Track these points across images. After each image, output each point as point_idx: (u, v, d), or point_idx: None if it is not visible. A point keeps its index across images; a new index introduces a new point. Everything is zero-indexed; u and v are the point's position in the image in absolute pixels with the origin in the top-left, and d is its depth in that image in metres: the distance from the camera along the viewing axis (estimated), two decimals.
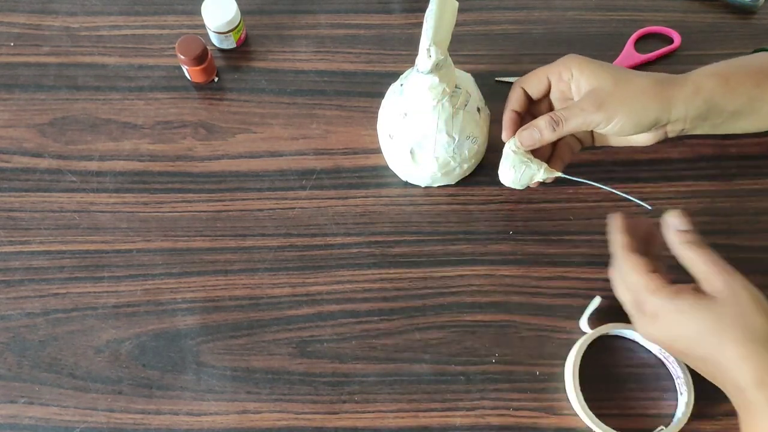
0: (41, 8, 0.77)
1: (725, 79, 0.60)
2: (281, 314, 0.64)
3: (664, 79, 0.59)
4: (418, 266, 0.66)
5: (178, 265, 0.66)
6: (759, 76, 0.60)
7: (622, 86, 0.58)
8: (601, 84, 0.59)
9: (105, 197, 0.69)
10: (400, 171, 0.68)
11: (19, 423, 0.61)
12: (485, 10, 0.77)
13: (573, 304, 0.64)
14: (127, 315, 0.64)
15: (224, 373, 0.62)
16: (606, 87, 0.58)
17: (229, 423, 0.61)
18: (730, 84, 0.59)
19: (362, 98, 0.73)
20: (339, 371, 0.62)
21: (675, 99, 0.58)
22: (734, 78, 0.60)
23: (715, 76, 0.60)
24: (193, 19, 0.76)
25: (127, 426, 0.61)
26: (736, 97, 0.60)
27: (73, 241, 0.67)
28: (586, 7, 0.77)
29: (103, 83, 0.73)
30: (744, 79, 0.60)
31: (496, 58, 0.74)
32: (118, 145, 0.71)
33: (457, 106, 0.62)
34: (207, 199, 0.68)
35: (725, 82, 0.59)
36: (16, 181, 0.69)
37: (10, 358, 0.63)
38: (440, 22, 0.56)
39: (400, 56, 0.75)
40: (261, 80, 0.74)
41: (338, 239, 0.67)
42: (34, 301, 0.65)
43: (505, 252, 0.66)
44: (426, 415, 0.61)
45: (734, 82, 0.60)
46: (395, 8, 0.77)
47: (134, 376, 0.62)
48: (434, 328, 0.64)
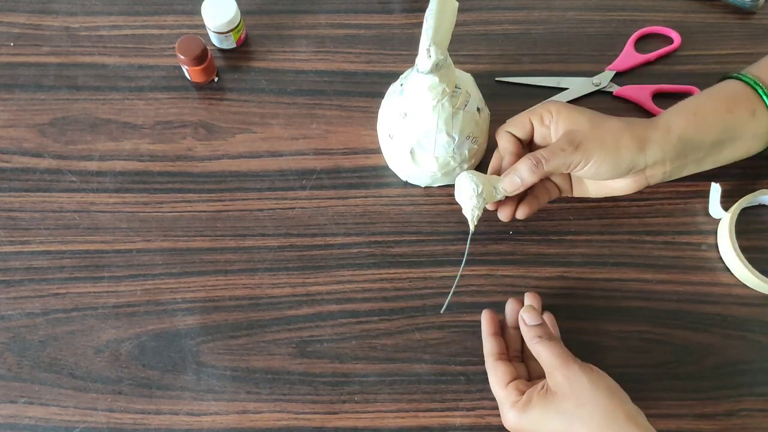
0: (41, 8, 0.77)
1: (693, 113, 0.60)
2: (281, 314, 0.64)
3: (637, 122, 0.60)
4: (418, 266, 0.66)
5: (178, 265, 0.66)
6: (728, 102, 0.61)
7: (597, 128, 0.59)
8: (577, 126, 0.59)
9: (105, 197, 0.69)
10: (400, 171, 0.68)
11: (19, 423, 0.61)
12: (485, 10, 0.77)
13: (573, 304, 0.64)
14: (127, 315, 0.64)
15: (224, 373, 0.62)
16: (582, 129, 0.59)
17: (229, 423, 0.61)
18: (699, 115, 0.60)
19: (362, 98, 0.73)
20: (339, 371, 0.62)
21: (649, 141, 0.59)
22: (702, 109, 0.60)
23: (684, 112, 0.61)
24: (193, 19, 0.76)
25: (127, 426, 0.61)
26: (710, 126, 0.60)
27: (73, 241, 0.67)
28: (586, 7, 0.77)
29: (103, 83, 0.74)
30: (713, 108, 0.60)
31: (496, 58, 0.74)
32: (118, 145, 0.71)
33: (457, 106, 0.62)
34: (207, 199, 0.68)
35: (694, 115, 0.60)
36: (16, 181, 0.69)
37: (10, 358, 0.63)
38: (440, 22, 0.56)
39: (400, 56, 0.75)
40: (261, 80, 0.74)
41: (338, 239, 0.67)
42: (34, 301, 0.65)
43: (505, 252, 0.66)
44: (426, 415, 0.61)
45: (703, 113, 0.60)
46: (395, 8, 0.77)
47: (134, 376, 0.62)
48: (434, 328, 0.64)
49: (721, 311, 0.64)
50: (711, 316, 0.64)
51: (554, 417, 0.53)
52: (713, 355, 0.63)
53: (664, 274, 0.65)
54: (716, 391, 0.61)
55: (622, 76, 0.73)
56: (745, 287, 0.65)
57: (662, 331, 0.63)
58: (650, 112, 0.71)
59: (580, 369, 0.53)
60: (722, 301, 0.64)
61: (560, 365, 0.53)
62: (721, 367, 0.62)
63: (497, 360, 0.58)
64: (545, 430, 0.54)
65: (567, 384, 0.53)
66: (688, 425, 0.59)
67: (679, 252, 0.66)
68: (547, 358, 0.54)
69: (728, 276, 0.65)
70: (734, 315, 0.64)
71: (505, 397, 0.56)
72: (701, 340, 0.63)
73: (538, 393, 0.54)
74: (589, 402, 0.52)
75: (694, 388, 0.61)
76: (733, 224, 0.64)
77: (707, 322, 0.64)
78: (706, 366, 0.62)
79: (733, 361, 0.62)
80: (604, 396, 0.52)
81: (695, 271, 0.66)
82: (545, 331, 0.56)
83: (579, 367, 0.53)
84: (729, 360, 0.62)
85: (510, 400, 0.55)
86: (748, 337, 0.63)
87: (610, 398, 0.52)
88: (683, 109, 0.61)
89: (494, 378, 0.57)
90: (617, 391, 0.53)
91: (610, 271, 0.65)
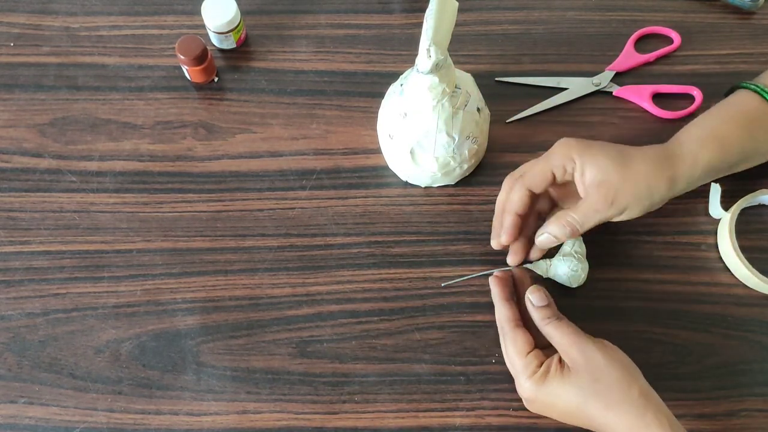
0: (41, 8, 0.77)
1: (720, 144, 0.60)
2: (281, 314, 0.64)
3: (662, 157, 0.59)
4: (418, 266, 0.66)
5: (178, 265, 0.66)
6: (751, 126, 0.61)
7: (626, 173, 0.57)
8: (605, 174, 0.57)
9: (105, 197, 0.69)
10: (400, 171, 0.68)
11: (19, 423, 0.61)
12: (485, 10, 0.77)
13: (573, 304, 0.64)
14: (127, 315, 0.64)
15: (224, 373, 0.62)
16: (612, 179, 0.57)
17: (229, 423, 0.61)
18: (726, 147, 0.60)
19: (362, 98, 0.73)
20: (339, 371, 0.62)
21: (677, 177, 0.58)
22: (729, 139, 0.60)
23: (711, 142, 0.60)
24: (193, 19, 0.76)
25: (127, 426, 0.61)
26: (733, 152, 0.60)
27: (73, 241, 0.67)
28: (586, 7, 0.77)
29: (103, 83, 0.73)
30: (738, 135, 0.60)
31: (496, 58, 0.74)
32: (118, 145, 0.71)
33: (457, 106, 0.62)
34: (207, 199, 0.68)
35: (721, 147, 0.60)
36: (16, 181, 0.69)
37: (10, 358, 0.63)
38: (440, 22, 0.56)
39: (400, 56, 0.75)
40: (261, 80, 0.74)
41: (338, 239, 0.67)
42: (34, 301, 0.65)
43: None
44: (426, 415, 0.61)
45: (729, 143, 0.60)
46: (395, 8, 0.77)
47: (134, 376, 0.62)
48: (434, 328, 0.64)
49: (721, 311, 0.64)
50: (711, 316, 0.64)
51: (570, 391, 0.54)
52: (713, 355, 0.63)
53: (664, 274, 0.65)
54: (716, 391, 0.61)
55: (621, 76, 0.73)
56: (745, 287, 0.65)
57: (662, 331, 0.63)
58: (650, 113, 0.71)
59: (594, 345, 0.54)
60: (722, 301, 0.64)
61: (574, 343, 0.54)
62: (721, 367, 0.62)
63: (516, 327, 0.57)
64: (560, 402, 0.54)
65: (583, 360, 0.54)
66: (688, 425, 0.59)
67: (679, 252, 0.66)
68: (560, 338, 0.55)
69: (728, 276, 0.65)
70: (734, 315, 0.64)
71: (523, 367, 0.56)
72: (701, 340, 0.63)
73: (555, 366, 0.55)
74: (605, 377, 0.53)
75: (694, 388, 0.61)
76: (733, 224, 0.64)
77: (707, 322, 0.64)
78: (706, 366, 0.62)
79: (733, 361, 0.62)
80: (618, 371, 0.53)
81: (695, 271, 0.66)
82: (554, 312, 0.56)
83: (593, 344, 0.54)
84: (729, 360, 0.62)
85: (529, 370, 0.56)
86: (748, 337, 0.63)
87: (624, 374, 0.53)
88: (706, 135, 0.60)
89: (513, 347, 0.57)
90: (631, 367, 0.54)
91: (610, 271, 0.65)
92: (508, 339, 0.58)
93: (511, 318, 0.58)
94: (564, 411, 0.55)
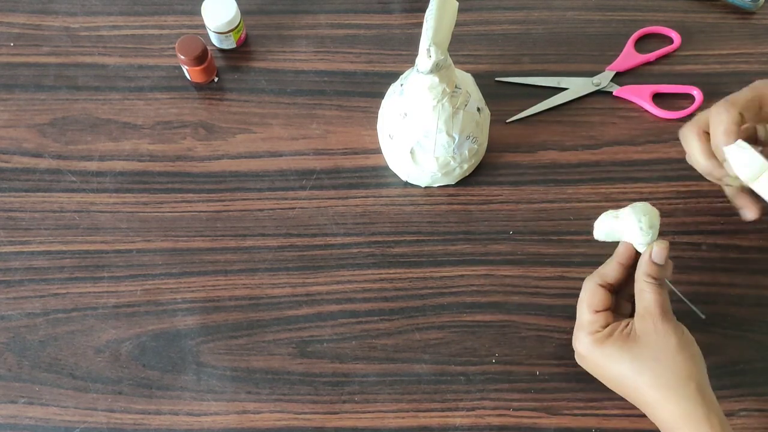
0: (41, 8, 0.77)
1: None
2: (281, 314, 0.64)
3: None
4: (418, 266, 0.66)
5: (178, 265, 0.66)
6: None
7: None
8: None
9: (105, 197, 0.69)
10: (400, 171, 0.68)
11: (19, 423, 0.61)
12: (485, 10, 0.77)
13: (573, 304, 0.64)
14: (127, 315, 0.64)
15: (224, 373, 0.62)
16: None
17: (229, 423, 0.61)
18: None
19: (362, 98, 0.73)
20: (339, 371, 0.62)
21: None
22: None
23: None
24: (193, 19, 0.76)
25: (127, 426, 0.61)
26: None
27: (73, 241, 0.67)
28: (586, 7, 0.77)
29: (103, 83, 0.73)
30: None
31: (496, 58, 0.74)
32: (118, 145, 0.71)
33: (457, 106, 0.62)
34: (207, 199, 0.68)
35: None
36: (16, 181, 0.69)
37: (10, 358, 0.63)
38: (440, 22, 0.56)
39: (400, 56, 0.75)
40: (261, 80, 0.74)
41: (338, 239, 0.67)
42: (34, 301, 0.65)
43: (504, 252, 0.66)
44: (426, 415, 0.61)
45: None
46: (395, 8, 0.77)
47: (134, 376, 0.62)
48: (434, 328, 0.64)
49: (721, 311, 0.64)
50: (711, 316, 0.64)
51: (627, 360, 0.53)
52: (713, 355, 0.62)
53: None
54: (716, 391, 0.60)
55: (622, 76, 0.73)
56: (744, 287, 0.65)
57: None
58: (650, 113, 0.71)
59: (673, 328, 0.53)
60: (722, 301, 0.64)
61: (657, 315, 0.53)
62: (721, 367, 0.62)
63: (601, 285, 0.56)
64: (613, 367, 0.54)
65: (654, 335, 0.53)
66: None
67: (679, 252, 0.66)
68: (649, 303, 0.53)
69: (728, 276, 0.65)
70: (734, 315, 0.64)
71: (589, 322, 0.55)
72: (701, 340, 0.63)
73: (620, 330, 0.54)
74: (667, 360, 0.52)
75: None
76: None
77: (707, 322, 0.64)
78: (707, 366, 0.62)
79: (733, 361, 0.62)
80: (683, 361, 0.52)
81: (695, 271, 0.66)
82: (661, 276, 0.54)
83: (673, 325, 0.53)
84: (729, 360, 0.63)
85: (593, 327, 0.55)
86: (748, 337, 0.63)
87: (688, 365, 0.52)
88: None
89: (589, 300, 0.56)
90: (699, 361, 0.53)
91: None
92: (589, 292, 0.56)
93: (605, 277, 0.56)
94: (612, 376, 0.54)
